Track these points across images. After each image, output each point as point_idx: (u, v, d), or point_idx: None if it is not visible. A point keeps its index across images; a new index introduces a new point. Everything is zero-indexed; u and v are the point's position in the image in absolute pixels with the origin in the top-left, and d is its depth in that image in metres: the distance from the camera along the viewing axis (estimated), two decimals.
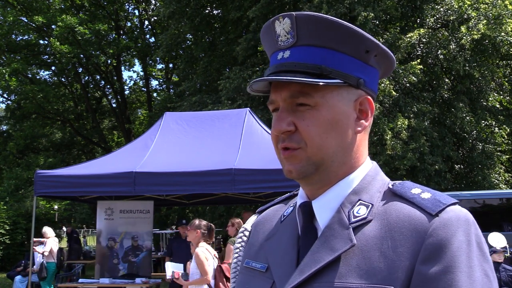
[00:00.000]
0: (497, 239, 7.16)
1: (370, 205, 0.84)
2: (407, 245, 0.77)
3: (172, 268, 5.76)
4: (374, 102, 0.91)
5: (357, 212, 0.84)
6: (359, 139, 0.89)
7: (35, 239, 9.36)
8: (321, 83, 0.83)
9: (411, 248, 0.76)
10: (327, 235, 0.83)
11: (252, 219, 1.07)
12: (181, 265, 6.02)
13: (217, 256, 5.33)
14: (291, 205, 0.98)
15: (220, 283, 4.98)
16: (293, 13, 0.86)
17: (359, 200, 0.85)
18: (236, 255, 1.05)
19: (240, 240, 1.06)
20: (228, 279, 4.92)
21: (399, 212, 0.81)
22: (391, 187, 0.87)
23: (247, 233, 1.05)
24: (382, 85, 10.91)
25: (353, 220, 0.83)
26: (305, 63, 0.85)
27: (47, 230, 10.04)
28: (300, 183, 0.91)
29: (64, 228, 18.38)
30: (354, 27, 0.85)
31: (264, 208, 1.07)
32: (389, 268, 0.76)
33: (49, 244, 9.78)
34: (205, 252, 5.01)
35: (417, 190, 0.84)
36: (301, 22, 0.85)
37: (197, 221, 5.16)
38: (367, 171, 0.90)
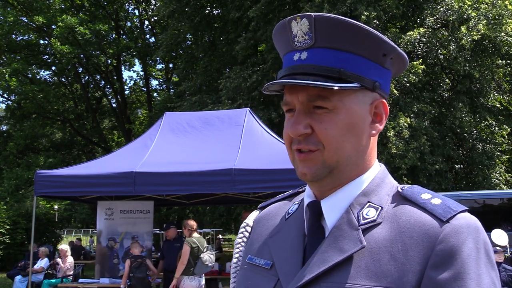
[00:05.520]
0: (499, 235, 7.18)
1: (380, 208, 0.84)
2: (418, 249, 0.77)
3: None
4: None
5: (366, 214, 0.83)
6: (372, 142, 0.89)
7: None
8: (339, 88, 0.82)
9: (422, 253, 0.76)
10: (335, 236, 0.83)
11: (254, 214, 1.06)
12: None
13: None
14: (296, 202, 0.97)
15: None
16: (311, 14, 0.84)
17: (368, 202, 0.85)
18: (237, 250, 1.03)
19: (241, 235, 1.04)
20: None
21: (409, 216, 0.81)
22: (400, 190, 0.86)
23: (248, 229, 1.03)
24: None
25: (362, 222, 0.82)
26: (324, 66, 0.83)
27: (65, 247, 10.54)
28: (310, 185, 0.90)
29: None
30: (374, 31, 0.84)
31: (267, 204, 1.05)
32: (399, 271, 0.76)
33: (68, 259, 10.07)
34: None
35: (427, 196, 0.83)
36: (319, 23, 0.84)
37: None
38: (376, 173, 0.89)
